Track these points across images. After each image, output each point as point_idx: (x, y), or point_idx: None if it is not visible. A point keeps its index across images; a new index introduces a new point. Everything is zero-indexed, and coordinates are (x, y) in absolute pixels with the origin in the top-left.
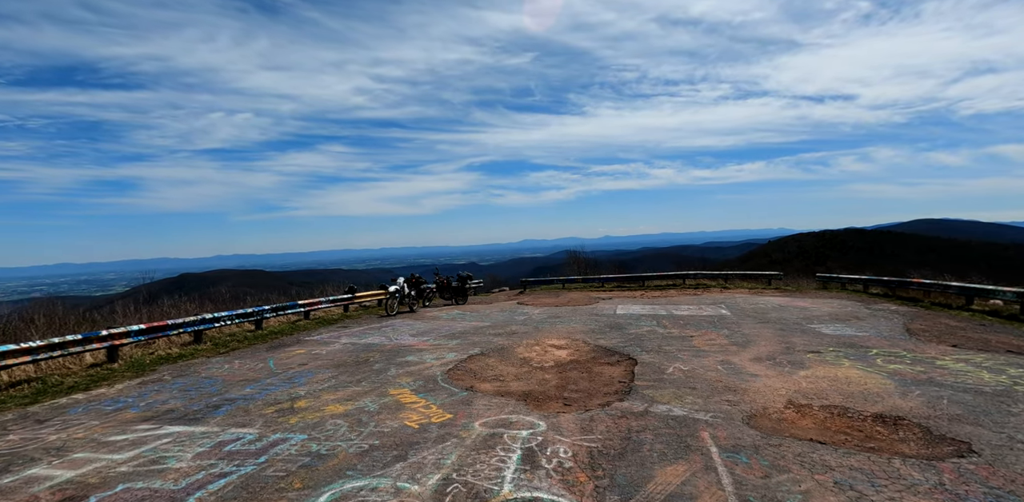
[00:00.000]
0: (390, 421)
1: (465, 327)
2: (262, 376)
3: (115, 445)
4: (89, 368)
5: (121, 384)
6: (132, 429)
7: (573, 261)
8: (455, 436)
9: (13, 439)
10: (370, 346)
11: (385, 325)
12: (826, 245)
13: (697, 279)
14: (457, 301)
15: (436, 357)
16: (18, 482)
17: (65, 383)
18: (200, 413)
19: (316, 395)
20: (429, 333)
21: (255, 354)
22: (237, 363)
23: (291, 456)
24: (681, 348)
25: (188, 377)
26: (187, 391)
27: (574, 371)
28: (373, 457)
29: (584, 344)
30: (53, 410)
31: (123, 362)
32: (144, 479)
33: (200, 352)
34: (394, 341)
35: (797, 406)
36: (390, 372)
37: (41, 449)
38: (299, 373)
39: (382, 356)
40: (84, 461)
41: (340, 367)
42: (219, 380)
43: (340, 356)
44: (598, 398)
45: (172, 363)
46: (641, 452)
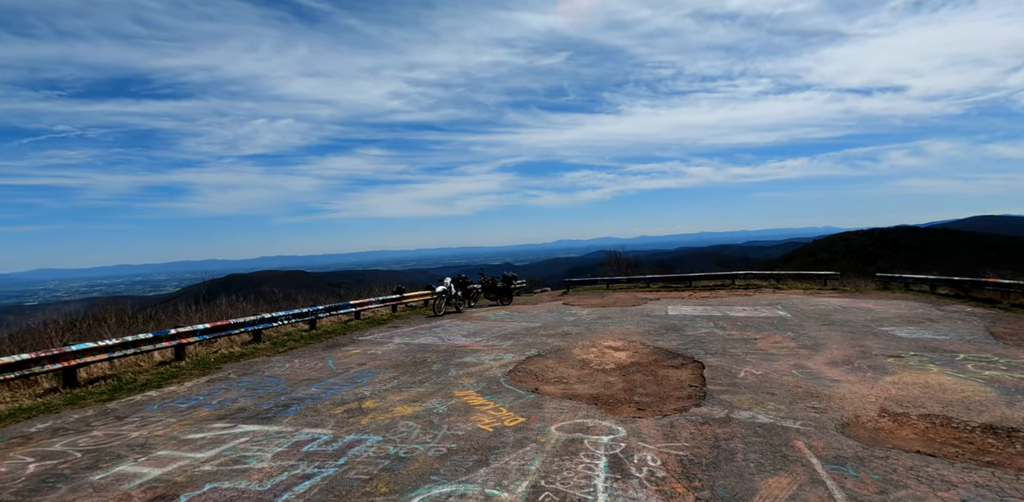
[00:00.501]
0: (462, 424)
1: (516, 328)
2: (324, 375)
3: (195, 443)
4: (158, 366)
5: (190, 382)
6: (209, 427)
7: (613, 261)
8: (533, 441)
9: (98, 435)
10: (424, 346)
11: (435, 325)
12: (876, 244)
13: (747, 279)
14: (502, 301)
15: (493, 358)
16: (109, 479)
17: (138, 380)
18: (271, 412)
19: (382, 396)
20: (480, 334)
21: (313, 353)
22: (297, 362)
23: (370, 458)
24: (747, 351)
25: (253, 376)
26: (254, 390)
27: (638, 374)
28: (454, 461)
29: (642, 346)
30: (130, 407)
31: (190, 360)
32: (229, 479)
33: (260, 351)
34: (447, 342)
35: (892, 415)
36: (450, 373)
37: (125, 446)
38: (360, 373)
39: (439, 357)
40: (168, 459)
41: (399, 367)
42: (283, 379)
43: (397, 356)
44: (671, 403)
45: (235, 361)
46: (735, 462)
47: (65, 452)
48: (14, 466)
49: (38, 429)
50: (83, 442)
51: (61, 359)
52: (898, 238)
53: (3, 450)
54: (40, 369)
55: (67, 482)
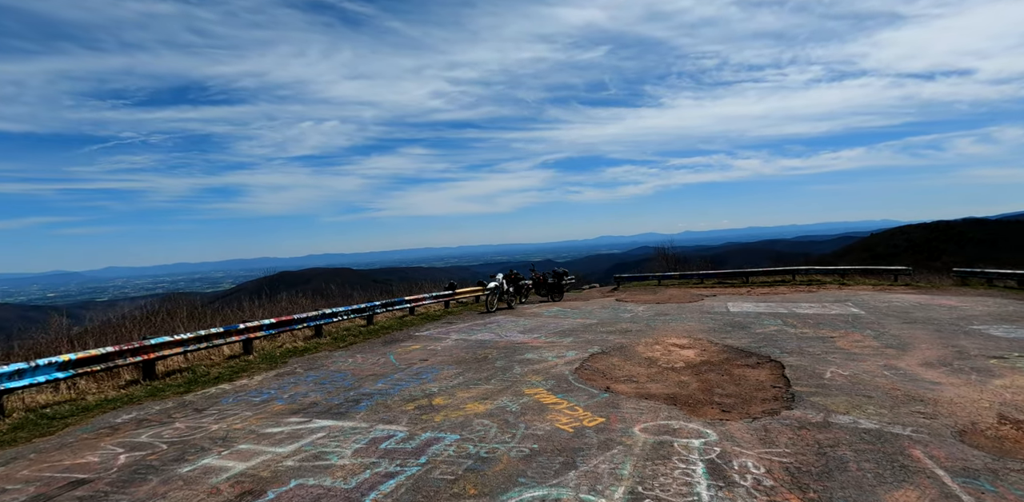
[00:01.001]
0: (539, 423)
1: (572, 324)
2: (388, 371)
3: (274, 438)
4: (228, 359)
5: (259, 376)
6: (285, 422)
7: (661, 257)
8: (619, 443)
9: (180, 427)
10: (483, 343)
11: (489, 321)
12: (940, 237)
13: (808, 275)
14: (553, 298)
15: (556, 355)
16: (196, 472)
17: (211, 373)
18: (342, 407)
19: (450, 392)
20: (537, 330)
21: (373, 348)
22: (359, 357)
23: (451, 458)
24: (826, 350)
25: (319, 370)
26: (322, 384)
27: (711, 373)
28: (540, 463)
29: (710, 344)
30: (206, 399)
31: (257, 354)
32: (313, 475)
33: (322, 346)
34: (505, 338)
35: (1014, 422)
36: (515, 370)
37: (207, 438)
38: (423, 369)
39: (500, 353)
40: (251, 453)
41: (462, 364)
42: (348, 374)
43: (457, 352)
44: (757, 405)
45: (299, 356)
46: (849, 471)
47: (152, 443)
48: (106, 456)
49: (124, 420)
50: (167, 434)
51: (141, 352)
52: (965, 231)
53: (94, 440)
54: (123, 362)
55: (157, 474)
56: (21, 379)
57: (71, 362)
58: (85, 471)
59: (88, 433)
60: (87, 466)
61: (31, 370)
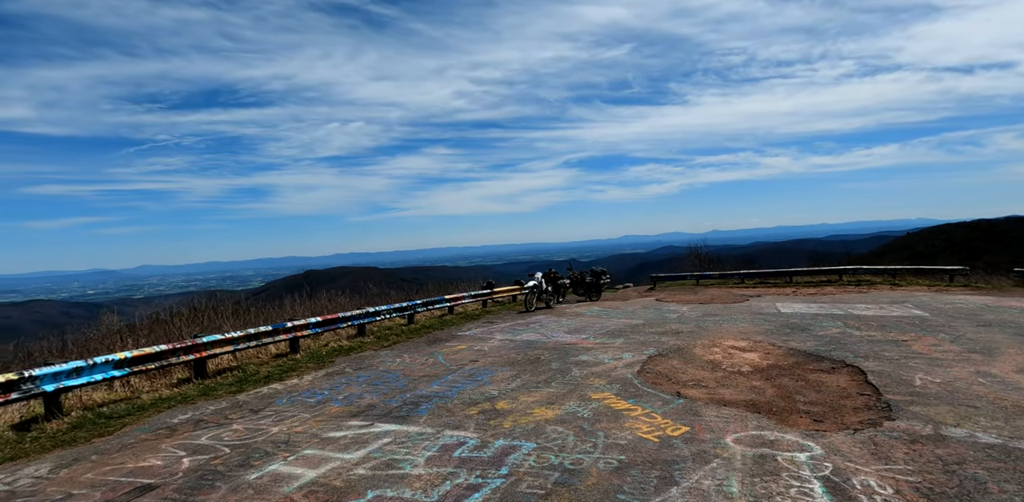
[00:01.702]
0: (618, 431)
1: (619, 325)
2: (440, 372)
3: (338, 442)
4: (275, 358)
5: (309, 375)
6: (346, 425)
7: (693, 256)
8: (714, 455)
9: (239, 429)
10: (530, 343)
11: (531, 321)
12: (981, 237)
13: (856, 275)
14: (591, 297)
15: (612, 357)
16: (265, 479)
17: (260, 372)
18: (402, 410)
19: (512, 396)
20: (583, 331)
21: (418, 348)
22: (407, 357)
23: (534, 469)
24: (903, 355)
25: (368, 370)
26: (376, 385)
27: (784, 378)
28: (634, 477)
29: (772, 346)
30: (260, 399)
31: (304, 353)
32: (390, 486)
33: (366, 345)
34: (552, 338)
35: None
36: (573, 372)
37: (270, 442)
38: (477, 370)
39: (552, 355)
40: (318, 459)
41: (515, 365)
42: (400, 375)
43: (506, 353)
44: (850, 414)
45: (345, 355)
46: (991, 493)
47: (213, 446)
48: (169, 460)
49: (180, 420)
50: (227, 436)
51: (193, 351)
52: (1008, 230)
53: (154, 441)
54: (176, 360)
55: (224, 480)
56: (79, 377)
57: (127, 360)
58: (150, 476)
59: (147, 434)
60: (151, 470)
61: (89, 368)
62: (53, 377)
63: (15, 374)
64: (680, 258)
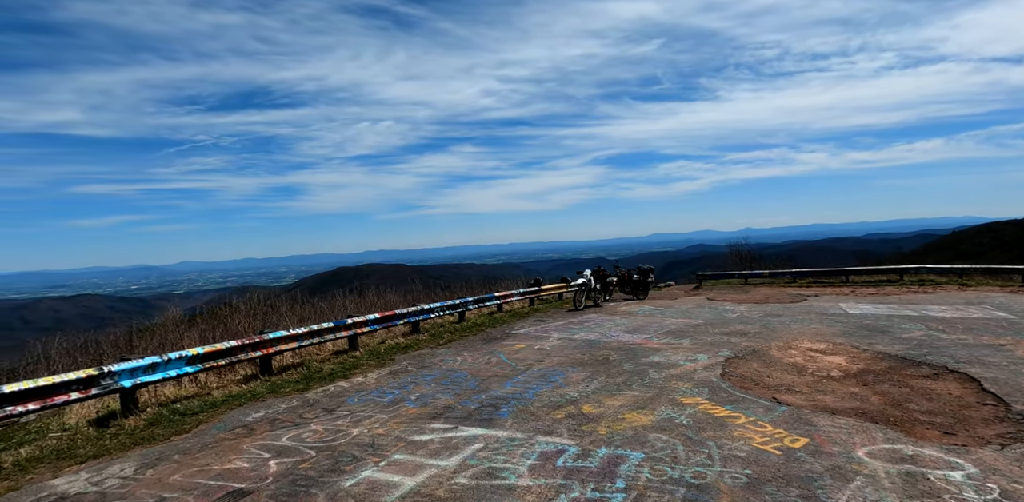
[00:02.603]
0: (729, 441)
1: (678, 325)
2: (508, 372)
3: (427, 447)
4: (334, 355)
5: (373, 373)
6: (429, 428)
7: (735, 255)
8: (854, 472)
9: (317, 430)
10: (592, 343)
11: (584, 320)
12: None
13: (919, 274)
14: (638, 296)
15: (686, 359)
16: (362, 487)
17: (324, 370)
18: (482, 413)
19: (595, 399)
20: (642, 330)
21: (475, 346)
22: (467, 356)
23: (653, 483)
24: (1011, 360)
25: (432, 369)
26: (445, 385)
27: (883, 384)
28: (773, 496)
29: (856, 349)
30: (330, 398)
31: (363, 350)
32: (499, 498)
33: (422, 342)
34: (613, 338)
35: None
36: (651, 375)
37: (354, 445)
38: (547, 371)
39: (620, 355)
40: (412, 466)
41: (585, 366)
42: (467, 374)
43: (570, 353)
44: (981, 426)
45: (403, 352)
46: None
47: (296, 448)
48: (255, 462)
49: (255, 419)
50: (308, 437)
51: (260, 347)
52: None
53: (233, 441)
54: (245, 356)
55: (319, 487)
56: (154, 373)
57: (199, 356)
58: (239, 479)
59: (224, 432)
60: (239, 473)
61: (163, 364)
62: (130, 373)
63: (95, 369)
64: (713, 256)
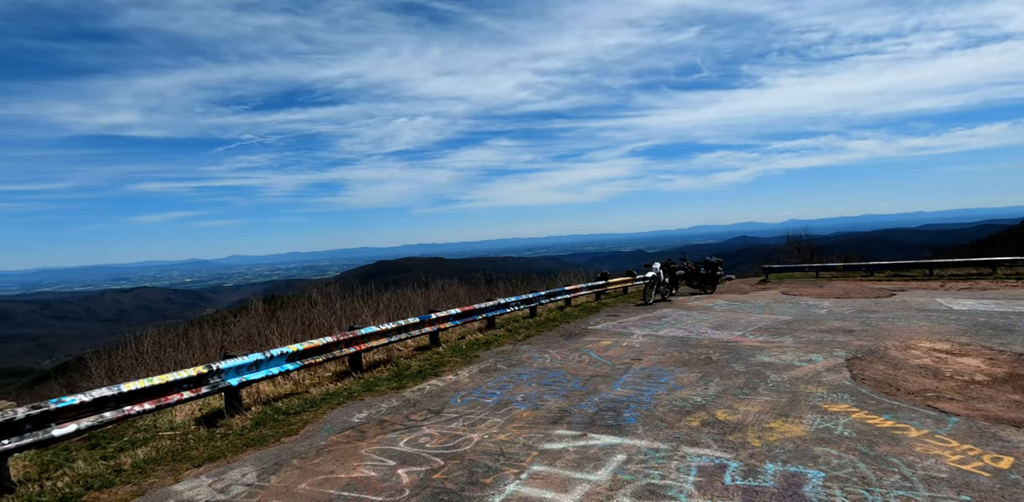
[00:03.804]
0: (914, 458)
1: (767, 321)
2: (607, 371)
3: (563, 457)
4: (417, 351)
5: (463, 371)
6: (554, 434)
7: (794, 247)
8: None
9: (434, 434)
10: (681, 340)
11: (660, 315)
12: None
13: (1015, 267)
14: (705, 290)
15: (799, 359)
16: None
17: (412, 367)
18: (604, 418)
19: (724, 404)
20: (729, 327)
21: (556, 342)
22: (553, 353)
23: None
24: None
25: (523, 367)
26: (548, 385)
27: None
28: None
29: (991, 350)
30: (430, 398)
31: (445, 347)
32: None
33: (500, 338)
34: (702, 335)
35: None
36: (770, 376)
37: (481, 453)
38: (651, 371)
39: (721, 354)
40: (558, 480)
41: (689, 366)
42: (563, 373)
43: (665, 351)
44: None
45: (485, 348)
46: None
47: (419, 455)
48: (382, 471)
49: (361, 420)
50: (426, 442)
51: (354, 343)
52: None
53: (348, 445)
54: (339, 353)
55: None
56: (258, 370)
57: (298, 353)
58: (373, 491)
59: (335, 435)
60: (369, 483)
61: (266, 361)
62: (236, 371)
63: (204, 367)
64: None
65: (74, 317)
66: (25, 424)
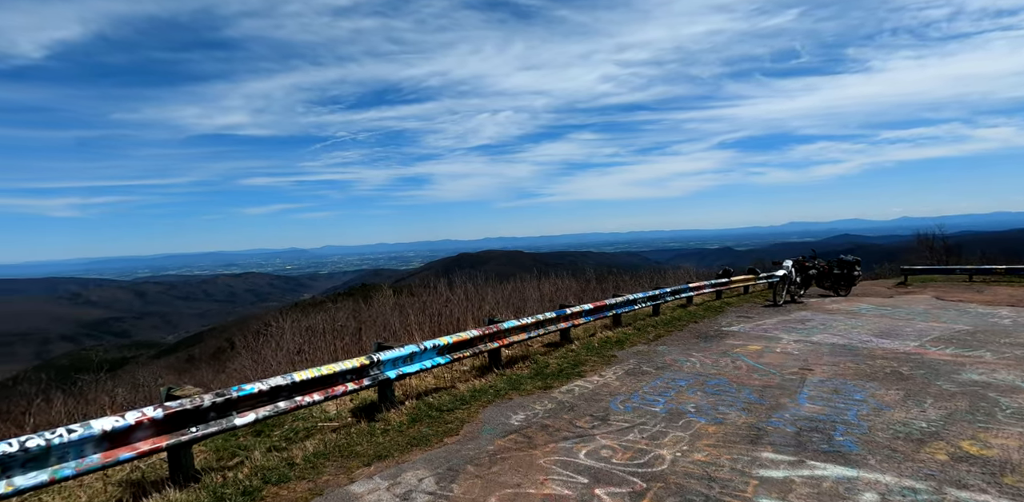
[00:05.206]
0: None
1: (942, 330)
2: (777, 381)
3: (796, 492)
4: (549, 348)
5: (607, 372)
6: (763, 458)
7: (925, 246)
8: None
9: (614, 447)
10: (847, 348)
11: (802, 318)
12: None
13: None
14: (839, 292)
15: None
16: None
17: (551, 364)
18: (812, 440)
19: (963, 433)
20: (893, 335)
21: (694, 344)
22: (699, 356)
23: None
24: None
25: (672, 371)
26: (716, 395)
27: None
28: None
29: None
30: (586, 402)
31: (578, 344)
32: None
33: (630, 337)
34: (867, 343)
35: None
36: (1002, 401)
37: (686, 476)
38: (835, 384)
39: (913, 369)
40: None
41: (879, 380)
42: (727, 381)
43: (834, 360)
44: None
45: (619, 348)
46: None
47: (611, 473)
48: (577, 488)
49: (520, 423)
50: (609, 456)
51: (497, 338)
52: None
53: (520, 453)
54: (484, 347)
55: None
56: (412, 363)
57: (448, 346)
58: None
59: (500, 438)
60: None
61: (420, 353)
62: (393, 363)
63: (366, 359)
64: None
65: (194, 298)
66: (210, 411)
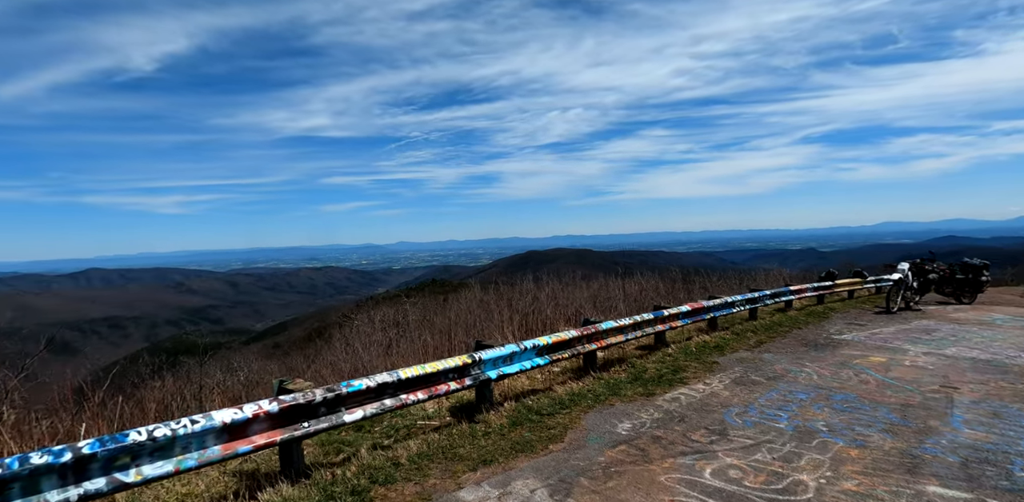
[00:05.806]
0: None
1: None
2: (918, 400)
3: None
4: (642, 351)
5: (712, 380)
6: (932, 494)
7: None
8: None
9: (743, 467)
10: (993, 364)
11: (924, 328)
12: None
13: None
14: (961, 299)
15: None
16: None
17: (648, 369)
18: (990, 476)
19: None
20: None
21: (803, 353)
22: (813, 366)
23: None
24: None
25: (786, 382)
26: (845, 412)
27: None
28: None
29: None
30: (695, 413)
31: (675, 348)
32: None
33: (729, 342)
34: (1013, 358)
35: None
36: None
37: None
38: (992, 407)
39: None
40: None
41: None
42: (856, 397)
43: (985, 379)
44: None
45: (718, 353)
46: None
47: (745, 498)
48: None
49: (628, 432)
50: (739, 477)
51: (595, 339)
52: None
53: (636, 467)
54: (582, 349)
55: None
56: (512, 363)
57: (547, 347)
58: None
59: (609, 448)
60: None
61: (520, 353)
62: (493, 363)
63: (468, 357)
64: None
65: (279, 289)
66: (321, 407)
